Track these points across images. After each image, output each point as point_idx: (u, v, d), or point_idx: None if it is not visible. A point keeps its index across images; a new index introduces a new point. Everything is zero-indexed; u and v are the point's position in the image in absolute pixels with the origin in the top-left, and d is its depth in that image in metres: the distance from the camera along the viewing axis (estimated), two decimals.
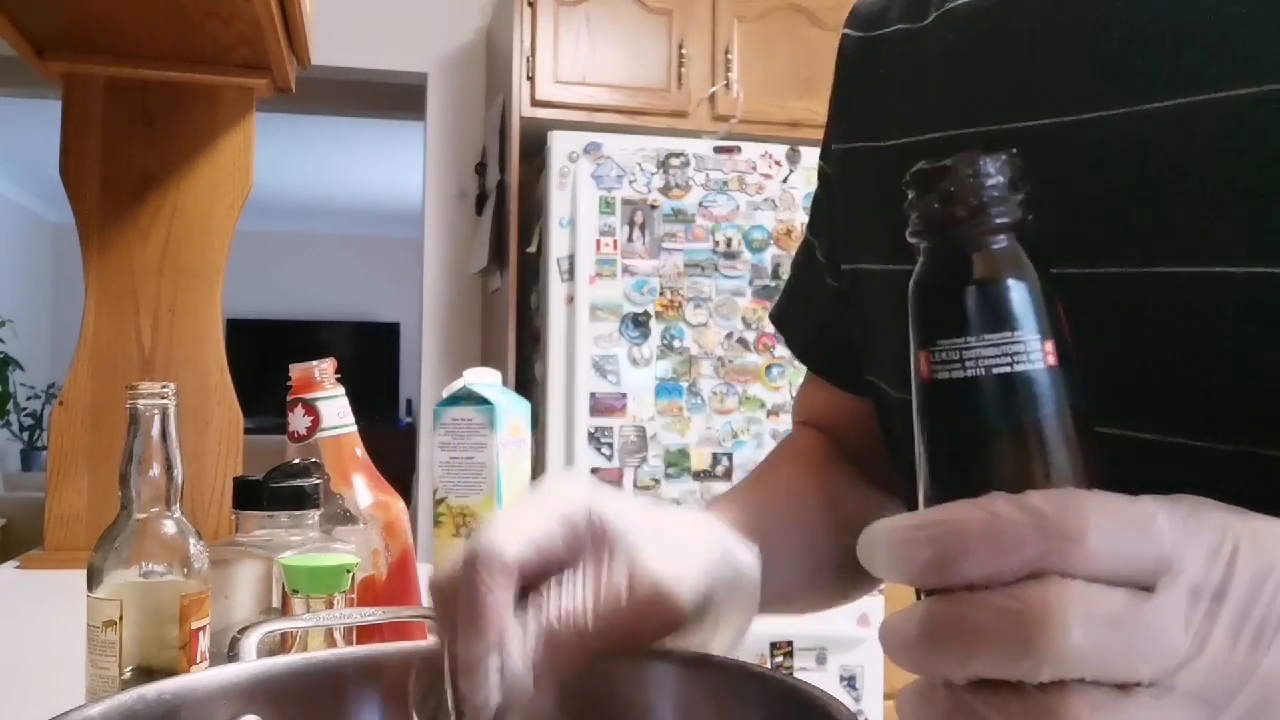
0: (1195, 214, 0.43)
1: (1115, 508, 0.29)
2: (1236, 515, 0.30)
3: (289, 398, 0.90)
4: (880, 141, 0.59)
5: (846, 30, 0.64)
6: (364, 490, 0.90)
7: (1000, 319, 0.31)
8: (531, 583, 0.45)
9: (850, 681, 2.69)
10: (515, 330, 2.90)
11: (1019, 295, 0.31)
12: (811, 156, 2.75)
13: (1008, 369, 0.31)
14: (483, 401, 1.01)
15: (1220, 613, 0.28)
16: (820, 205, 0.68)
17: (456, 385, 1.04)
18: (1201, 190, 0.43)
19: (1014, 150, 0.33)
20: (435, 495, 1.02)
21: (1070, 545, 0.28)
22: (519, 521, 0.45)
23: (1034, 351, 0.31)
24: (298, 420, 0.89)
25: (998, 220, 0.32)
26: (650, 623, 0.46)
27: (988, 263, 0.32)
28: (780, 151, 2.74)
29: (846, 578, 0.65)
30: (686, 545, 0.48)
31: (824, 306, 0.67)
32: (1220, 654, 0.28)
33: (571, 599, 0.44)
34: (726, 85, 2.95)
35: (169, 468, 0.69)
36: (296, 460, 0.85)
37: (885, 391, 0.59)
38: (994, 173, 0.32)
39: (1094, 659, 0.27)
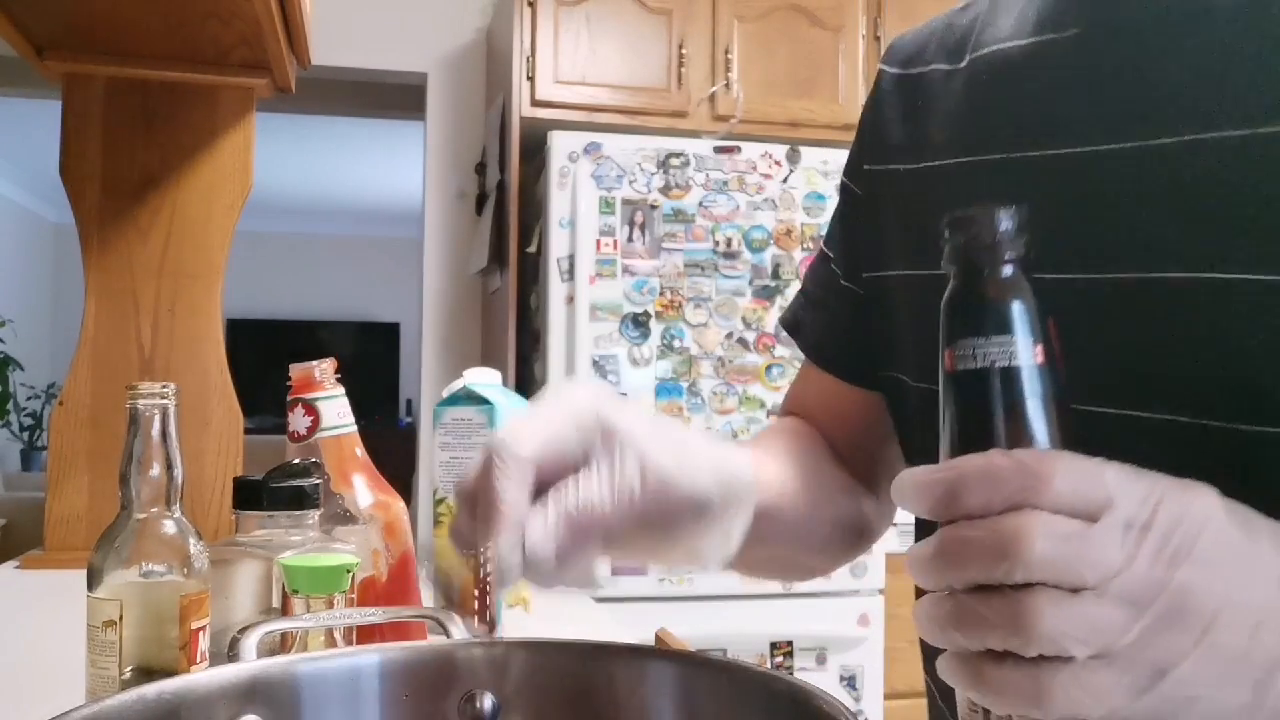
0: (1189, 230, 0.50)
1: (1076, 462, 0.39)
2: (1167, 477, 0.40)
3: (289, 398, 0.90)
4: (910, 165, 0.66)
5: (883, 66, 0.71)
6: (364, 490, 0.90)
7: (1004, 326, 0.42)
8: (548, 481, 0.50)
9: (850, 681, 2.69)
10: (515, 330, 2.89)
11: (1019, 310, 0.43)
12: (811, 156, 2.75)
13: (1007, 363, 0.42)
14: (483, 401, 1.02)
15: (1145, 540, 0.38)
16: (840, 219, 0.75)
17: (456, 385, 1.04)
18: (1193, 214, 0.50)
19: (1023, 204, 0.44)
20: (435, 495, 1.02)
21: (1040, 485, 0.38)
22: (532, 424, 0.50)
23: (1027, 351, 0.42)
24: (298, 420, 0.89)
25: (1007, 255, 0.43)
26: (658, 514, 0.51)
27: (997, 286, 0.43)
28: (780, 151, 2.74)
29: (831, 536, 0.72)
30: (689, 447, 0.53)
31: (838, 309, 0.74)
32: (1143, 569, 0.38)
33: (588, 492, 0.49)
34: (726, 85, 2.95)
35: (169, 468, 0.69)
36: (296, 460, 0.85)
37: (904, 382, 0.67)
38: (1005, 220, 0.43)
39: (1052, 566, 0.37)
